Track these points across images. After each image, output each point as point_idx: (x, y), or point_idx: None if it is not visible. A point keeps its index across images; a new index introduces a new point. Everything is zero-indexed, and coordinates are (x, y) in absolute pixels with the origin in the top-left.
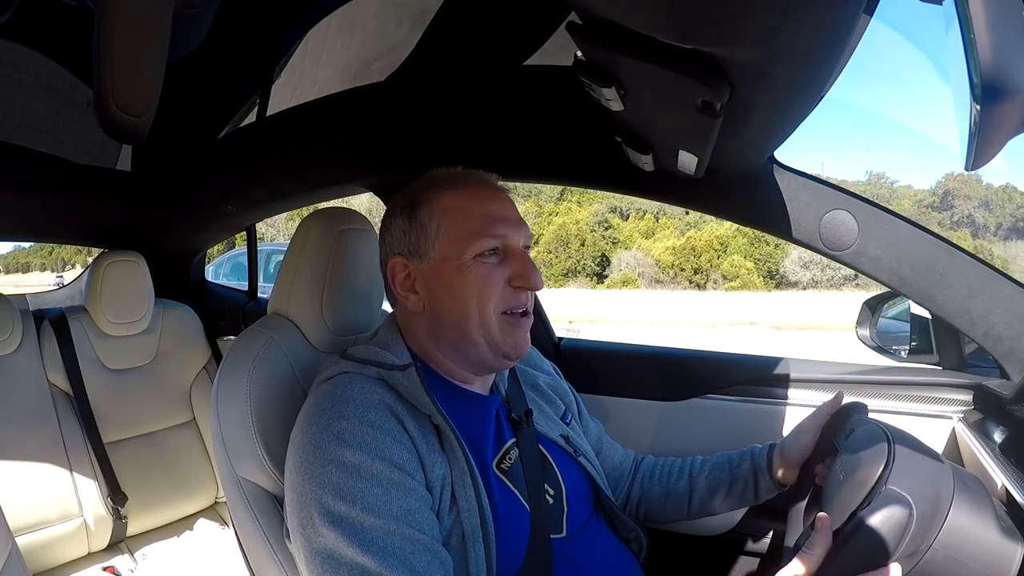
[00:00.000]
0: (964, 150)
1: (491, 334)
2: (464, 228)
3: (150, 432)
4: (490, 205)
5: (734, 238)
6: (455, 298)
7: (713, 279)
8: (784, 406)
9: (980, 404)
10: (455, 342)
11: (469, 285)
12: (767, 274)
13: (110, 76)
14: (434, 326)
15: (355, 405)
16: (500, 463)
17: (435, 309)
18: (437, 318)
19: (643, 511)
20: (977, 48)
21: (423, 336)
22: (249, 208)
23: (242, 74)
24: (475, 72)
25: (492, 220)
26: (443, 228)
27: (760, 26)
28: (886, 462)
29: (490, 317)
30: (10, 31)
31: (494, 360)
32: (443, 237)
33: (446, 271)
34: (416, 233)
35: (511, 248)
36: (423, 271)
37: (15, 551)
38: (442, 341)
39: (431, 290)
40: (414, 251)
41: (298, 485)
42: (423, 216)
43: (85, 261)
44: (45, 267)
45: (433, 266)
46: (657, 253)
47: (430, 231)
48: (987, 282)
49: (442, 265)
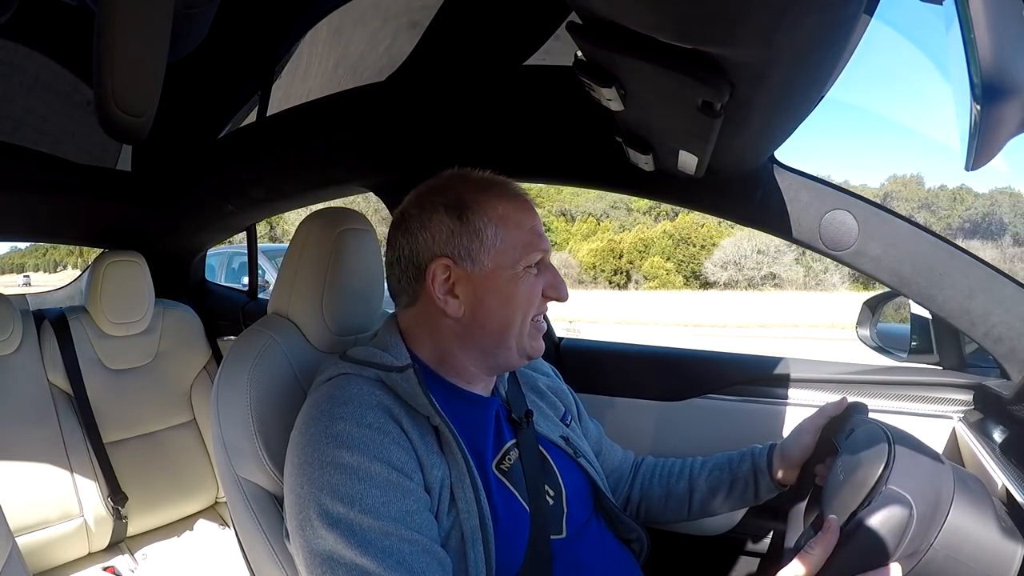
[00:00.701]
0: (964, 150)
1: (523, 339)
2: (519, 240)
3: (150, 432)
4: (535, 219)
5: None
6: (505, 306)
7: (635, 279)
8: (784, 406)
9: (980, 404)
10: (489, 347)
11: (520, 295)
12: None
13: (110, 76)
14: (471, 330)
15: (353, 407)
16: (500, 464)
17: (478, 314)
18: (479, 323)
19: (644, 512)
20: (977, 48)
21: (450, 338)
22: (249, 208)
23: (242, 74)
24: (475, 72)
25: (539, 234)
26: (499, 237)
27: (760, 26)
28: (886, 462)
29: (527, 324)
30: (10, 31)
31: (517, 361)
32: (499, 245)
33: (499, 279)
34: (469, 237)
35: (546, 261)
36: (471, 276)
37: (15, 551)
38: (473, 345)
39: (478, 296)
40: (465, 255)
41: (297, 487)
42: (477, 221)
43: (76, 263)
44: (39, 268)
45: (486, 273)
46: (581, 255)
47: (486, 237)
48: (987, 282)
49: (496, 273)
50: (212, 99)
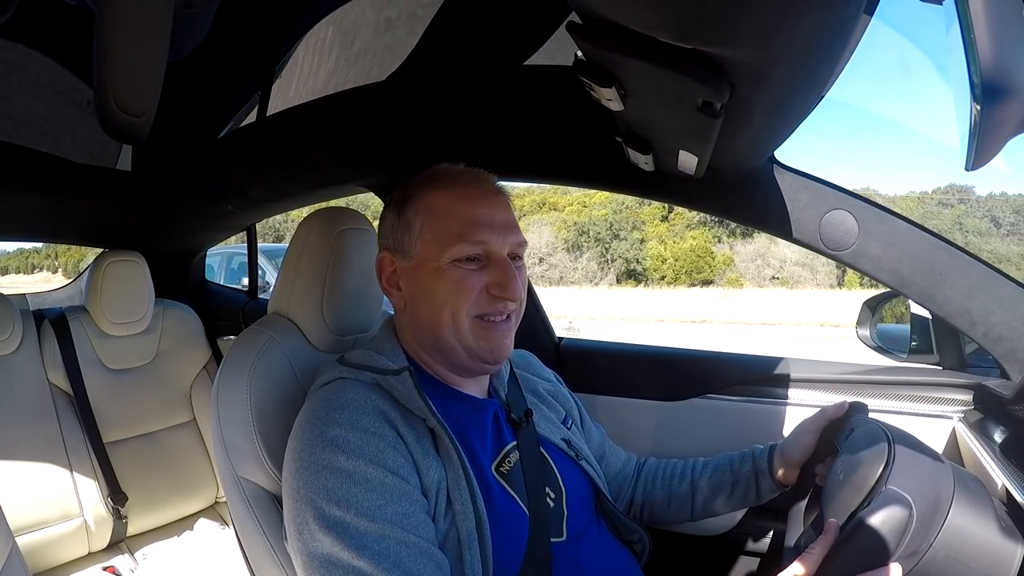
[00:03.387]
0: (964, 150)
1: (464, 338)
2: (444, 230)
3: (150, 432)
4: (477, 208)
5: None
6: (429, 300)
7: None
8: (784, 406)
9: (980, 404)
10: (433, 343)
11: (443, 289)
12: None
13: (110, 76)
14: (414, 325)
15: (349, 411)
16: (499, 466)
17: (414, 308)
18: (416, 318)
19: (647, 514)
20: (977, 48)
21: (408, 334)
22: (249, 208)
23: (242, 74)
24: (475, 72)
25: (475, 225)
26: (425, 227)
27: (760, 26)
28: (886, 462)
29: (462, 322)
30: (10, 31)
31: (472, 363)
32: (424, 237)
33: (424, 272)
34: (402, 230)
35: (493, 255)
36: (405, 269)
37: (15, 551)
38: (423, 341)
39: (411, 289)
40: (399, 247)
41: (294, 491)
42: (409, 213)
43: (53, 265)
44: (20, 269)
45: (413, 265)
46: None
47: (414, 229)
48: (987, 282)
49: (421, 265)
50: (212, 99)
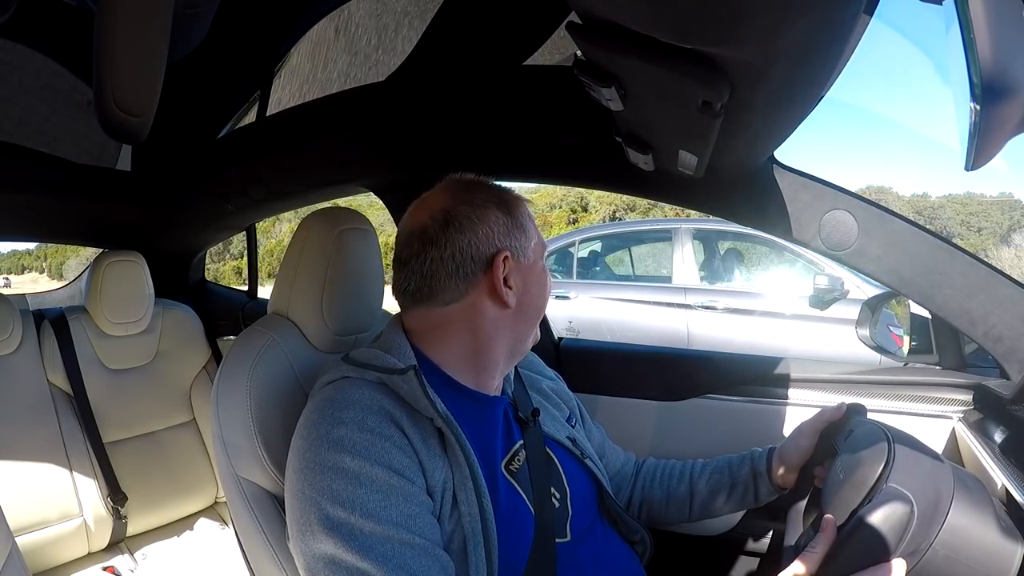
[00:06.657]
0: (964, 150)
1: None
2: (539, 238)
3: (150, 432)
4: None
5: None
6: (542, 295)
7: None
8: (784, 406)
9: (980, 404)
10: (524, 333)
11: (549, 283)
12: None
13: (110, 76)
14: (515, 319)
15: (354, 411)
16: (509, 464)
17: (525, 304)
18: (523, 311)
19: (645, 514)
20: (977, 48)
21: (489, 331)
22: (249, 208)
23: (242, 74)
24: (475, 72)
25: None
26: (531, 232)
27: (760, 26)
28: (886, 461)
29: None
30: (10, 31)
31: (531, 344)
32: (534, 239)
33: (538, 270)
34: (518, 231)
35: None
36: (522, 267)
37: (15, 551)
38: (510, 334)
39: (526, 285)
40: (517, 247)
41: (298, 491)
42: (521, 217)
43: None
44: (11, 271)
45: (530, 264)
46: None
47: (529, 232)
48: (987, 282)
49: (535, 265)
50: (212, 99)
